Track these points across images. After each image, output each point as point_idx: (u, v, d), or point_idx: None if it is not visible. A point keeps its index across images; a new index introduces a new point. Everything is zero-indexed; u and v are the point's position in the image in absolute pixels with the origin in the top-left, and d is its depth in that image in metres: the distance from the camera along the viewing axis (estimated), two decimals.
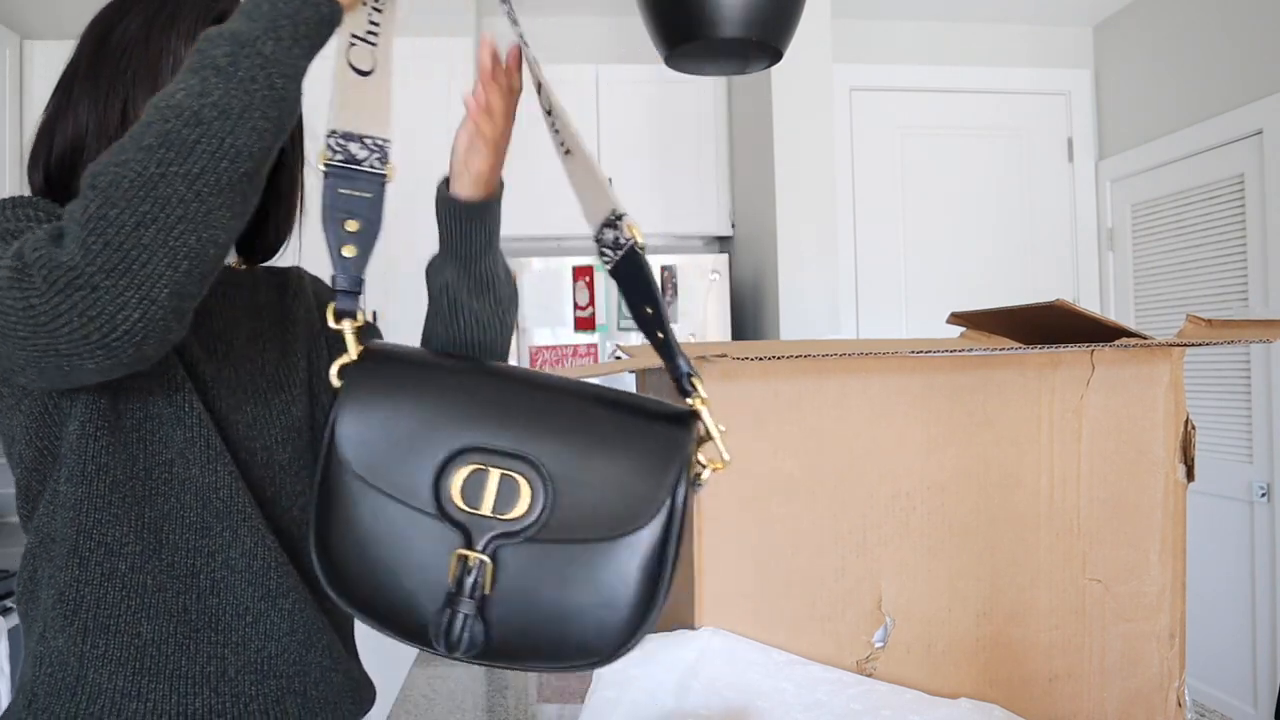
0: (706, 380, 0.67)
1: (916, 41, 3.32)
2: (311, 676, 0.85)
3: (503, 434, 0.58)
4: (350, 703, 0.91)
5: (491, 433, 0.59)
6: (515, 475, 0.57)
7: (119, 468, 0.76)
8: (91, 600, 0.76)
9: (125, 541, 0.76)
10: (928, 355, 0.70)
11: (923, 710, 0.66)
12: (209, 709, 0.79)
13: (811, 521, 0.69)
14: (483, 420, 0.59)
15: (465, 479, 0.57)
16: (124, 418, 0.77)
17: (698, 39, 1.13)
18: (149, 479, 0.77)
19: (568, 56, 3.28)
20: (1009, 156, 3.32)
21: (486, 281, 0.83)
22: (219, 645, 0.80)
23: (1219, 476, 2.72)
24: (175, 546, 0.78)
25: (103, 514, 0.76)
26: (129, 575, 0.76)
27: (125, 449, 0.77)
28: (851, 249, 3.26)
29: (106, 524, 0.76)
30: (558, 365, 2.74)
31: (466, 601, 0.56)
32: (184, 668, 0.78)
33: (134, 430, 0.77)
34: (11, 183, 2.68)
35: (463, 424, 0.59)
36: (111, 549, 0.76)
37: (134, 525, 0.77)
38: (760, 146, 2.72)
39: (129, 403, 0.77)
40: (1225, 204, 2.73)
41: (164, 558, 0.78)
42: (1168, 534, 0.74)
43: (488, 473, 0.57)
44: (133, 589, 0.77)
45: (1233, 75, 2.70)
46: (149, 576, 0.77)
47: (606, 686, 0.64)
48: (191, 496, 0.79)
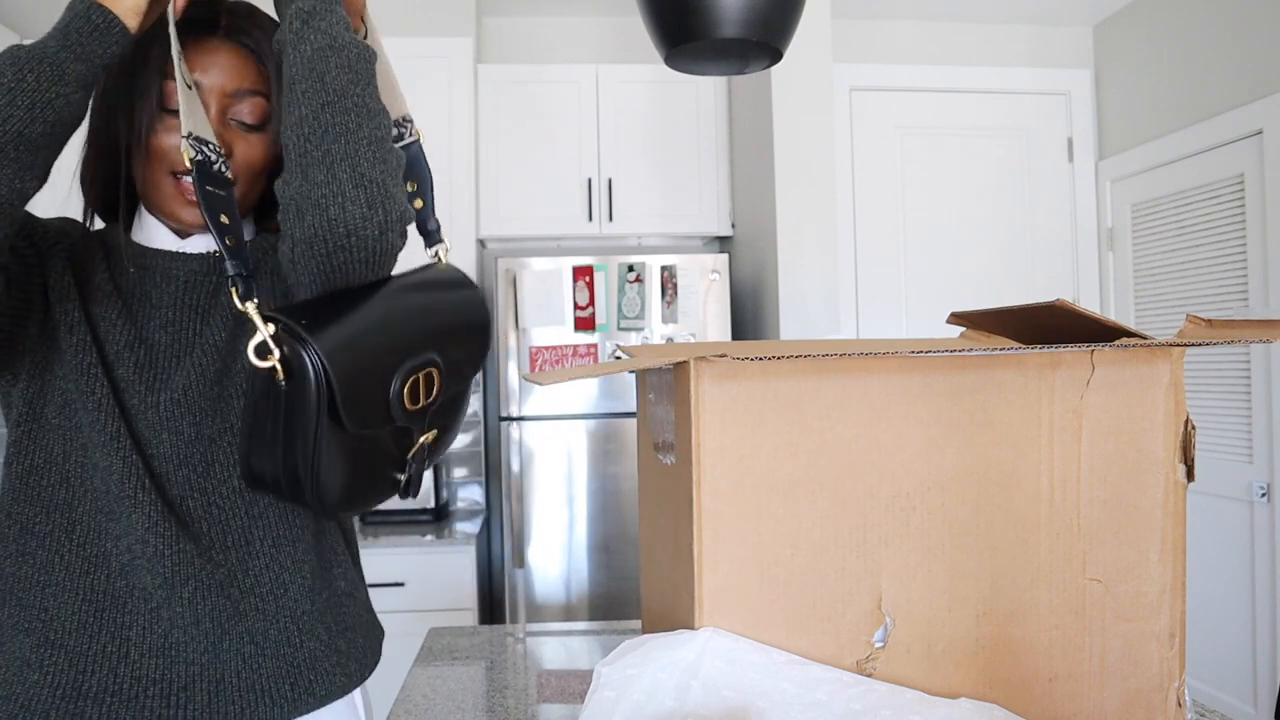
0: (706, 380, 0.68)
1: (916, 41, 3.32)
2: (230, 665, 0.85)
3: (420, 343, 0.81)
4: (301, 689, 0.89)
5: (412, 347, 0.81)
6: (430, 370, 0.82)
7: (37, 453, 0.84)
8: (10, 573, 0.83)
9: (36, 521, 0.83)
10: (928, 355, 0.70)
11: (923, 710, 0.66)
12: (104, 687, 0.82)
13: (811, 521, 0.69)
14: (405, 339, 0.80)
15: (408, 388, 0.79)
16: (48, 405, 0.84)
17: (698, 39, 1.13)
18: (66, 462, 0.83)
19: (568, 56, 3.28)
20: (1009, 156, 3.32)
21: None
22: (123, 626, 0.83)
23: (1219, 476, 2.72)
24: (87, 528, 0.83)
25: (18, 495, 0.83)
26: (39, 552, 0.83)
27: (44, 434, 0.84)
28: (851, 249, 3.26)
29: (21, 504, 0.83)
30: (558, 365, 2.74)
31: (415, 465, 0.84)
32: (84, 644, 0.82)
33: (54, 417, 0.84)
34: None
35: (395, 351, 0.79)
36: (26, 527, 0.83)
37: (45, 506, 0.83)
38: (760, 146, 2.72)
39: (53, 391, 0.84)
40: (1225, 204, 2.73)
41: (75, 538, 0.83)
42: (1168, 534, 0.74)
43: (418, 377, 0.80)
44: (43, 565, 0.82)
45: (1233, 75, 2.70)
46: (58, 555, 0.82)
47: (606, 686, 0.64)
48: (100, 480, 0.83)
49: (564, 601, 2.76)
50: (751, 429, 0.69)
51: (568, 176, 3.03)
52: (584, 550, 2.77)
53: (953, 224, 3.30)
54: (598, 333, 2.76)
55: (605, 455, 2.77)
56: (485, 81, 3.01)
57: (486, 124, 3.00)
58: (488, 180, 2.99)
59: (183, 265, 0.90)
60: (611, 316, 2.76)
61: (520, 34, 3.30)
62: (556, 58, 3.27)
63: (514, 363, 2.75)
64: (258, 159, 0.89)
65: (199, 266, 0.90)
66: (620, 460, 2.77)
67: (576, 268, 2.76)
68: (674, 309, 2.76)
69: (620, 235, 3.11)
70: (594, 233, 3.05)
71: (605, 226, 3.04)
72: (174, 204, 0.87)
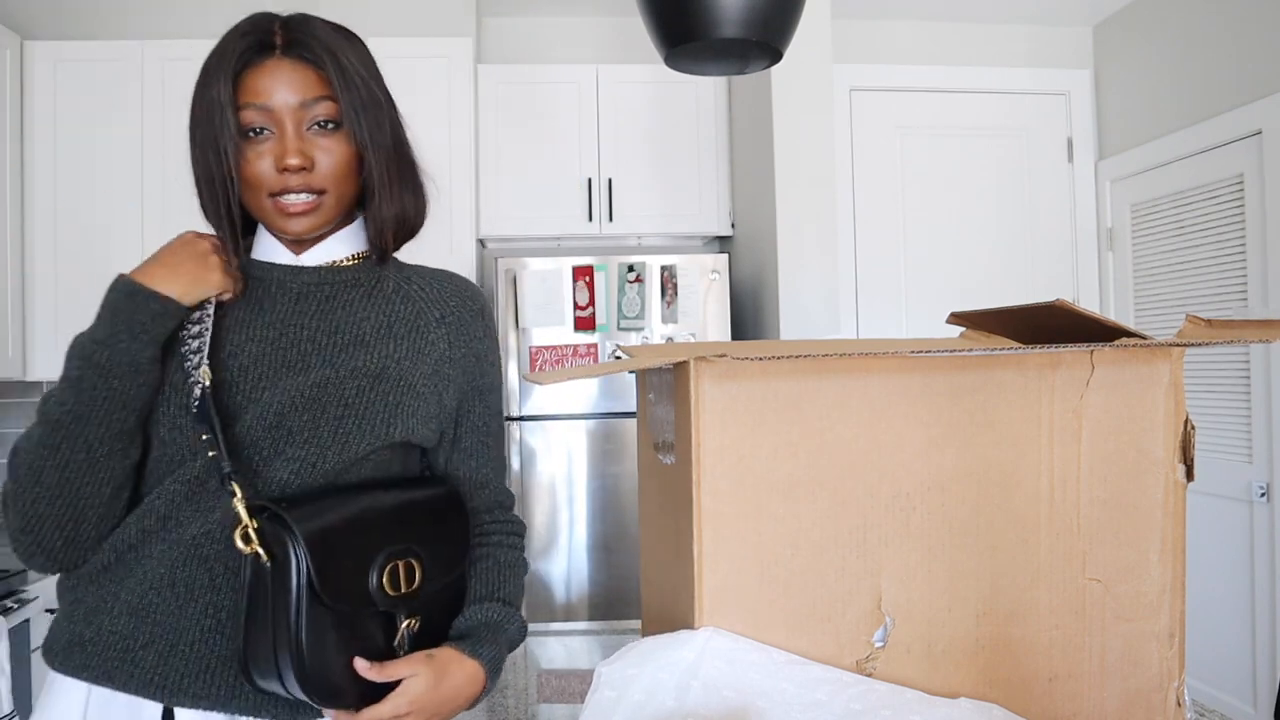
0: (706, 380, 0.68)
1: (916, 41, 3.32)
2: (188, 636, 0.87)
3: (399, 535, 0.88)
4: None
5: (392, 537, 0.88)
6: (412, 560, 0.88)
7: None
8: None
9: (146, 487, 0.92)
10: (928, 355, 0.70)
11: (923, 710, 0.66)
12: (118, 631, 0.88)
13: (811, 521, 0.69)
14: (385, 530, 0.87)
15: (388, 574, 0.86)
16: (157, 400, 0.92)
17: (698, 39, 1.13)
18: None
19: (568, 56, 3.28)
20: (1009, 156, 3.32)
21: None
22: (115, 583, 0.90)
23: (1219, 476, 2.72)
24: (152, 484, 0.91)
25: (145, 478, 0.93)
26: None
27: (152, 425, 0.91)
28: (851, 249, 3.26)
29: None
30: (557, 365, 2.74)
31: (404, 650, 0.87)
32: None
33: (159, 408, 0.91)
34: (12, 183, 2.68)
35: (374, 538, 0.86)
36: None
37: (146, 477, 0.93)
38: (760, 146, 2.72)
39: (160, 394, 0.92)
40: (1225, 204, 2.73)
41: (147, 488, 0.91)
42: (1168, 534, 0.74)
43: (398, 565, 0.87)
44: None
45: (1232, 75, 2.70)
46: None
47: (606, 686, 0.64)
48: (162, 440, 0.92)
49: (564, 601, 2.76)
50: (751, 429, 0.69)
51: (568, 176, 3.03)
52: (584, 550, 2.77)
53: (953, 224, 3.30)
54: (598, 333, 2.76)
55: (605, 455, 2.77)
56: (485, 81, 3.01)
57: (486, 124, 3.00)
58: (488, 180, 2.99)
59: (295, 277, 0.97)
60: (611, 316, 2.76)
61: (520, 34, 3.30)
62: (556, 58, 3.27)
63: (514, 363, 2.75)
64: (340, 162, 0.93)
65: (311, 279, 0.97)
66: (620, 460, 2.77)
67: (576, 268, 2.76)
68: (674, 309, 2.76)
69: (620, 235, 3.11)
70: (594, 233, 3.05)
71: (605, 226, 3.04)
72: (278, 220, 0.93)
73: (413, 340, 0.97)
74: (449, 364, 0.98)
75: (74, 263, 2.72)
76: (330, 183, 0.92)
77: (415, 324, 0.98)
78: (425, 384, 0.95)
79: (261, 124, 0.89)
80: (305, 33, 0.92)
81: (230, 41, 0.90)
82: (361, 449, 0.90)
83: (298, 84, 0.90)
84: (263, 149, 0.90)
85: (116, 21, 2.92)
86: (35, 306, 2.72)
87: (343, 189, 0.95)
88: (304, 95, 0.90)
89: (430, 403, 0.96)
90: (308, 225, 0.92)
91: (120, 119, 2.75)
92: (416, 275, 1.02)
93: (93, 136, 2.75)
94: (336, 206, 0.94)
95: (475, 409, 1.01)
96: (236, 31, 0.91)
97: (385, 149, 0.95)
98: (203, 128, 0.91)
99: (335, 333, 0.94)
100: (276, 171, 0.89)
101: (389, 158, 0.95)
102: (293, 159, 0.88)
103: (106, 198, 2.74)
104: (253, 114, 0.89)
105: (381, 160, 0.94)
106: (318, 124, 0.91)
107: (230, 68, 0.89)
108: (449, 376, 0.98)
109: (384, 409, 0.91)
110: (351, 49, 0.94)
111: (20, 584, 2.15)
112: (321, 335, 0.94)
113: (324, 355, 0.93)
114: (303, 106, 0.90)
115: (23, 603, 2.11)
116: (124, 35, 2.88)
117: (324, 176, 0.92)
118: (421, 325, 0.98)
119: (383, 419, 0.91)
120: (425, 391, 0.95)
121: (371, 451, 0.91)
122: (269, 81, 0.90)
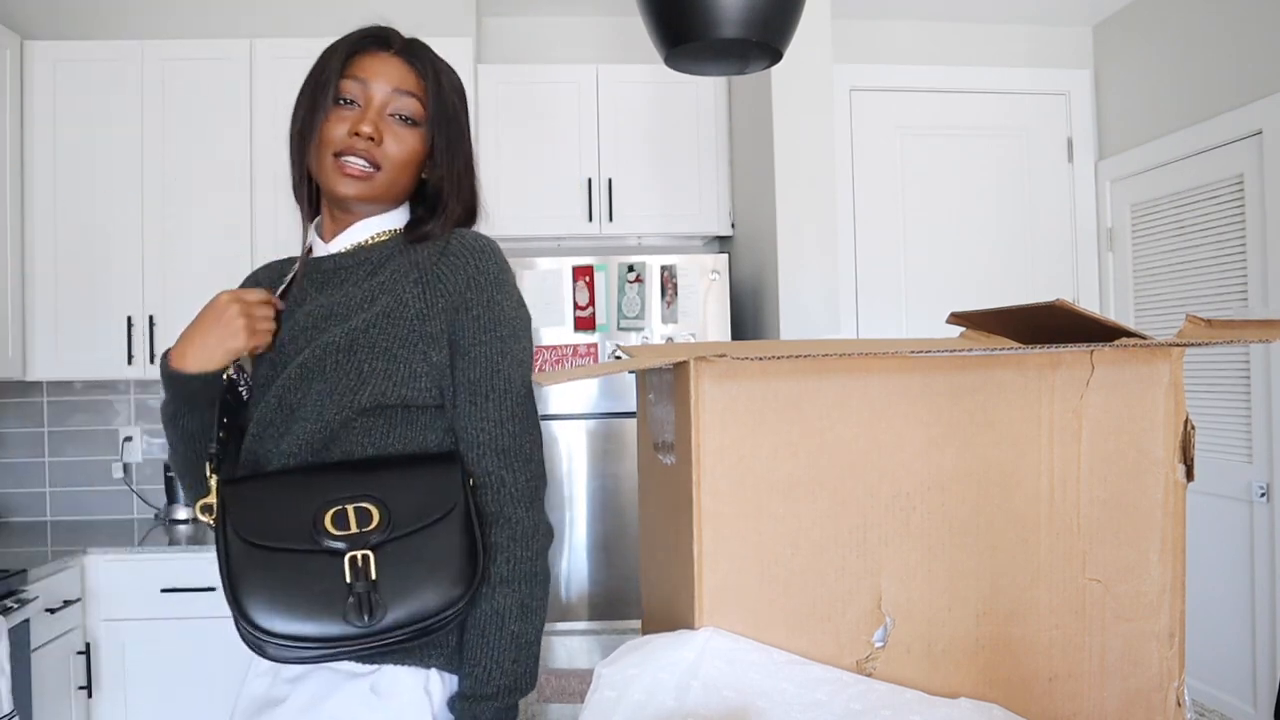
0: (706, 380, 0.68)
1: (916, 41, 3.32)
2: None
3: (352, 484, 0.93)
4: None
5: (344, 486, 0.93)
6: (366, 505, 0.91)
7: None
8: None
9: None
10: (928, 355, 0.70)
11: (923, 710, 0.66)
12: None
13: (811, 521, 0.70)
14: (337, 481, 0.94)
15: (331, 516, 0.90)
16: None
17: (698, 39, 1.13)
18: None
19: (568, 56, 3.28)
20: (1009, 157, 3.32)
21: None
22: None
23: (1219, 476, 2.72)
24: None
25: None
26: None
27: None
28: (851, 249, 3.26)
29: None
30: (558, 365, 2.74)
31: (360, 584, 0.88)
32: None
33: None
34: (12, 182, 2.68)
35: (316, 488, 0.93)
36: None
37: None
38: (760, 146, 2.72)
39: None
40: (1225, 204, 2.73)
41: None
42: (1168, 534, 0.74)
43: (346, 509, 0.91)
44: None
45: (1232, 75, 2.70)
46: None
47: (606, 686, 0.65)
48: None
49: (564, 601, 2.76)
50: (751, 429, 0.69)
51: (568, 176, 3.03)
52: (584, 550, 2.77)
53: (953, 224, 3.30)
54: (598, 333, 2.76)
55: (605, 455, 2.77)
56: (485, 81, 3.01)
57: (486, 124, 3.00)
58: (488, 180, 2.97)
59: (317, 267, 1.05)
60: (611, 316, 2.76)
61: (520, 34, 3.30)
62: (556, 58, 3.27)
63: None
64: (406, 150, 1.02)
65: (328, 266, 1.05)
66: (620, 460, 2.77)
67: (576, 268, 2.76)
68: (674, 309, 2.76)
69: (620, 235, 3.11)
70: (594, 233, 3.05)
71: (605, 226, 3.04)
72: (334, 179, 1.00)
73: (386, 305, 0.98)
74: (427, 320, 0.98)
75: (74, 263, 2.71)
76: (389, 164, 1.01)
77: (393, 289, 1.00)
78: (402, 347, 0.97)
79: (354, 96, 1.00)
80: (419, 46, 1.05)
81: (353, 34, 1.03)
82: (333, 417, 0.95)
83: (396, 76, 1.01)
84: (346, 115, 1.00)
85: (116, 21, 2.92)
86: (35, 306, 2.72)
87: (397, 175, 1.02)
88: (399, 83, 1.01)
89: (411, 364, 0.97)
90: (356, 191, 1.00)
91: (120, 119, 2.75)
92: (427, 245, 1.04)
93: (92, 136, 2.75)
94: (387, 190, 1.02)
95: (460, 364, 0.99)
96: (360, 29, 1.04)
97: (456, 165, 1.06)
98: (308, 90, 1.02)
99: (329, 315, 1.00)
100: (348, 135, 0.98)
101: (459, 174, 1.06)
102: (366, 127, 0.98)
103: (106, 198, 2.74)
104: (351, 85, 1.00)
105: (454, 171, 1.05)
106: (400, 116, 1.01)
107: (347, 48, 1.01)
108: (431, 334, 0.98)
109: (355, 377, 0.96)
110: (452, 77, 1.06)
111: (20, 584, 2.14)
112: (318, 317, 1.01)
113: (310, 336, 1.00)
114: (395, 91, 1.01)
115: (23, 603, 2.10)
116: (123, 35, 2.88)
117: (386, 156, 1.00)
118: (398, 289, 0.99)
119: (350, 386, 0.95)
120: (403, 354, 0.97)
121: (347, 419, 0.96)
122: (375, 65, 1.01)
